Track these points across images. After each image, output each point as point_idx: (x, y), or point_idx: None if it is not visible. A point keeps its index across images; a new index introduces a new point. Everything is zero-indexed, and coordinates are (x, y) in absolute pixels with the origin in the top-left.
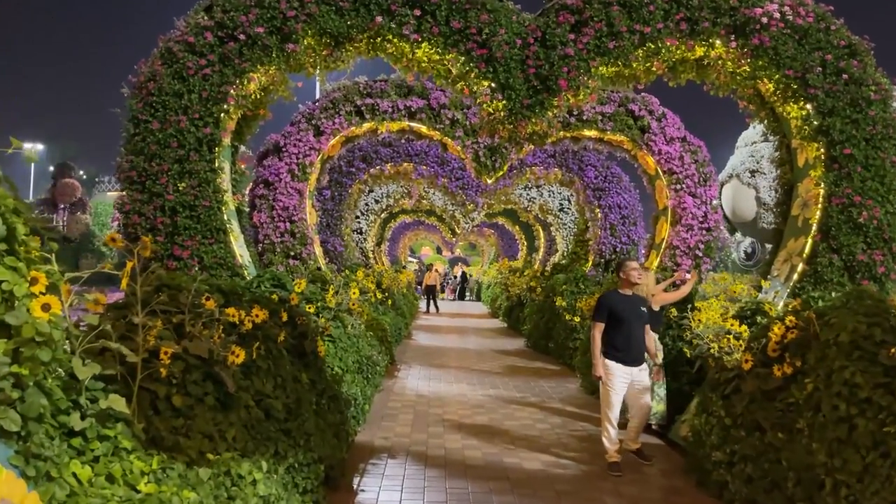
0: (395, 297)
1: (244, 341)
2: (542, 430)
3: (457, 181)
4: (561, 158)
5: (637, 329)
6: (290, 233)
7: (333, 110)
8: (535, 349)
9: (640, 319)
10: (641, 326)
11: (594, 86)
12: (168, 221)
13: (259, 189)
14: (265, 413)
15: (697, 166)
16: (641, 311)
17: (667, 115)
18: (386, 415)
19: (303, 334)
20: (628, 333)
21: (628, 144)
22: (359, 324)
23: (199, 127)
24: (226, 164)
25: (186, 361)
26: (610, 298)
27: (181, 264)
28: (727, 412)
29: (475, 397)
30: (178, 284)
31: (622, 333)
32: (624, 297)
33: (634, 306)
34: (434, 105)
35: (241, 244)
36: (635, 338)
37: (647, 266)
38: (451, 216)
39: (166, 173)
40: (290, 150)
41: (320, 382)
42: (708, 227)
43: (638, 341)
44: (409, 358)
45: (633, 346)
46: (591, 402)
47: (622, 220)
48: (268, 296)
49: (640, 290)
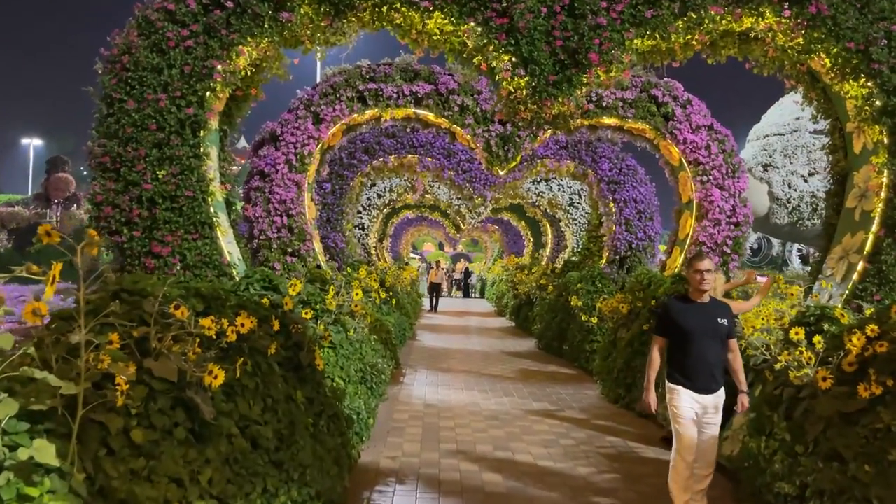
0: (400, 296)
1: (227, 356)
2: (567, 448)
3: (464, 174)
4: (574, 150)
5: (711, 348)
6: (288, 228)
7: (334, 96)
8: (547, 351)
9: (717, 335)
10: (718, 344)
11: (628, 61)
12: (146, 214)
13: (254, 181)
14: (252, 443)
15: (725, 156)
16: (718, 325)
17: (692, 101)
18: (392, 429)
19: (298, 345)
20: (699, 354)
21: (650, 133)
22: (362, 327)
23: (181, 107)
24: (212, 150)
25: (150, 386)
26: (673, 307)
27: (161, 263)
28: (795, 436)
29: (488, 407)
30: (142, 289)
31: (690, 354)
32: (693, 305)
33: (708, 318)
34: (442, 90)
35: (229, 240)
36: (707, 360)
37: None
38: (457, 211)
39: (143, 159)
40: (287, 138)
41: (319, 400)
42: (737, 222)
43: (710, 364)
44: (414, 361)
45: (703, 370)
46: (615, 411)
47: (638, 214)
48: (257, 300)
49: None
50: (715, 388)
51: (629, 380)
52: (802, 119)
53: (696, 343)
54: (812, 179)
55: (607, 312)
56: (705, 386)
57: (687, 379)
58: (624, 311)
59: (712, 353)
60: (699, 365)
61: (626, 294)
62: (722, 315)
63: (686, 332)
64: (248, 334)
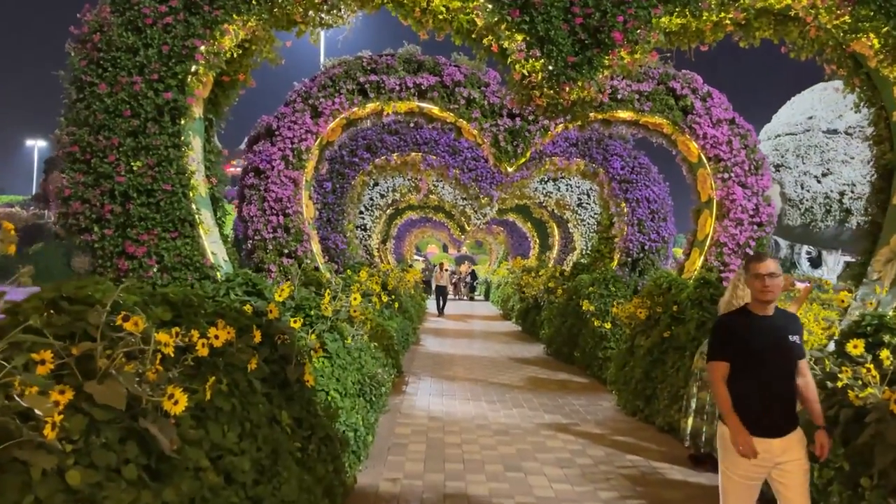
0: (402, 299)
1: (199, 374)
2: (585, 469)
3: (469, 172)
4: (584, 147)
5: (782, 375)
6: (284, 228)
7: (333, 88)
8: (556, 357)
9: (789, 357)
10: (791, 369)
11: (655, 41)
12: (119, 210)
13: (249, 178)
14: (225, 477)
15: (747, 152)
16: (791, 345)
17: (712, 93)
18: (393, 445)
19: (285, 358)
20: (767, 381)
21: (668, 128)
22: (361, 334)
23: (159, 91)
24: (195, 140)
25: (91, 415)
26: (734, 323)
27: (135, 265)
28: (856, 466)
29: (497, 420)
30: (86, 296)
31: (754, 381)
32: (756, 320)
33: (777, 335)
34: (448, 82)
35: (213, 239)
36: (778, 390)
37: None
38: (461, 212)
39: (116, 149)
40: (283, 133)
41: (308, 421)
42: (760, 222)
43: (783, 397)
44: (417, 367)
45: (773, 404)
46: (634, 425)
47: (651, 214)
48: (238, 307)
49: (741, 301)
50: (788, 427)
51: (648, 391)
52: (815, 118)
53: (762, 369)
54: (826, 180)
55: (624, 318)
56: (775, 425)
57: (749, 418)
58: (642, 317)
59: (785, 382)
60: (767, 398)
61: (644, 298)
62: (794, 330)
63: (750, 355)
64: (223, 347)
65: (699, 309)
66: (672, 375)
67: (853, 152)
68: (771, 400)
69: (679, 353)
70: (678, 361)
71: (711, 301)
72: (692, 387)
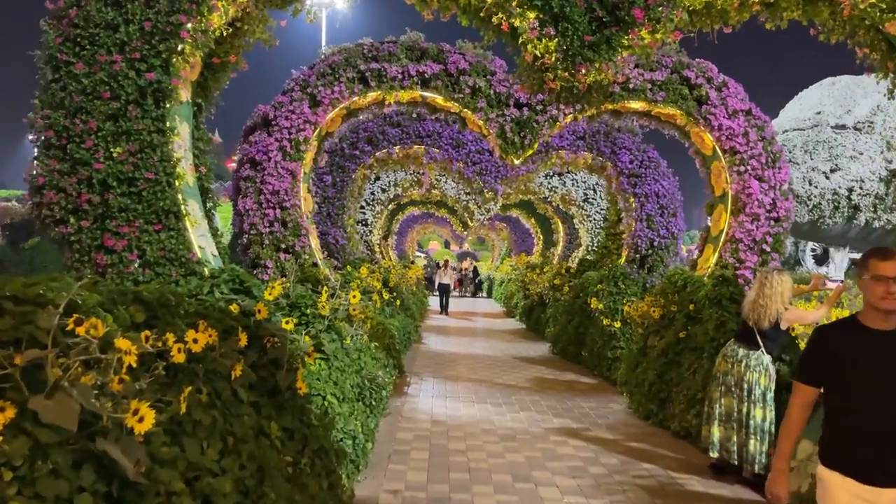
0: (404, 297)
1: (176, 381)
2: (599, 478)
3: (473, 166)
4: (591, 141)
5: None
6: (281, 222)
7: (332, 77)
8: (563, 356)
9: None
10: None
11: (678, 20)
12: (97, 200)
13: (245, 170)
14: (203, 501)
15: (764, 144)
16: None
17: (728, 83)
18: (394, 452)
19: (275, 363)
20: (881, 415)
21: (681, 119)
22: (361, 334)
23: (141, 71)
24: (182, 126)
25: (35, 438)
26: (837, 338)
27: (115, 259)
28: None
29: (503, 424)
30: (36, 296)
31: (863, 414)
32: (871, 335)
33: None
34: (452, 70)
35: (202, 233)
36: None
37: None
38: (465, 207)
39: (95, 134)
40: (280, 123)
41: (301, 432)
42: (777, 217)
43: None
44: (420, 367)
45: (888, 443)
46: (647, 430)
47: (660, 210)
48: (223, 307)
49: (769, 301)
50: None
51: (663, 394)
52: (823, 114)
53: (875, 399)
54: (834, 176)
55: (636, 317)
56: (888, 472)
57: (855, 461)
58: (656, 316)
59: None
60: (880, 437)
61: (658, 297)
62: None
63: (858, 380)
64: (203, 352)
65: (718, 308)
66: (688, 378)
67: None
68: (884, 440)
69: (696, 355)
70: (695, 363)
71: (731, 300)
72: (714, 392)
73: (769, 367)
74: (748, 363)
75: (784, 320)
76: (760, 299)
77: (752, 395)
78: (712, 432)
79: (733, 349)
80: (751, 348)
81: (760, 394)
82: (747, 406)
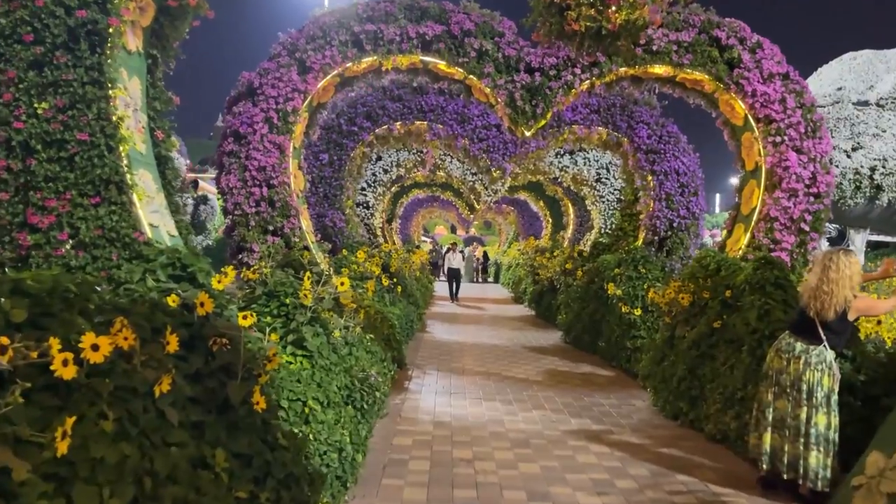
0: (407, 283)
1: (69, 404)
2: (629, 495)
3: (480, 143)
4: (606, 114)
5: None
6: (268, 201)
7: (323, 40)
8: (576, 346)
9: None
10: None
11: None
12: (18, 167)
13: (228, 143)
14: None
15: (804, 112)
16: None
17: (763, 44)
18: (390, 462)
19: (227, 370)
20: None
21: (709, 85)
22: (353, 325)
23: (72, 8)
24: (132, 82)
25: None
26: None
27: (41, 239)
28: None
29: (515, 426)
30: None
31: None
32: None
33: None
34: (455, 31)
35: (155, 208)
36: None
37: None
38: (471, 188)
39: (15, 86)
40: (266, 91)
41: (262, 457)
42: (817, 193)
43: None
44: (423, 359)
45: None
46: (678, 432)
47: (680, 188)
48: (156, 299)
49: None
50: None
51: (694, 391)
52: (845, 90)
53: None
54: (856, 155)
55: (663, 305)
56: None
57: None
58: (685, 304)
59: None
60: None
61: (687, 282)
62: None
63: None
64: (110, 363)
65: (760, 294)
66: (725, 374)
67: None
68: None
69: (733, 348)
70: (732, 357)
71: (776, 285)
72: (766, 393)
73: (833, 364)
74: (808, 360)
75: (853, 310)
76: (824, 285)
77: (814, 399)
78: (763, 441)
79: (789, 343)
80: (811, 342)
81: (823, 397)
82: (807, 411)
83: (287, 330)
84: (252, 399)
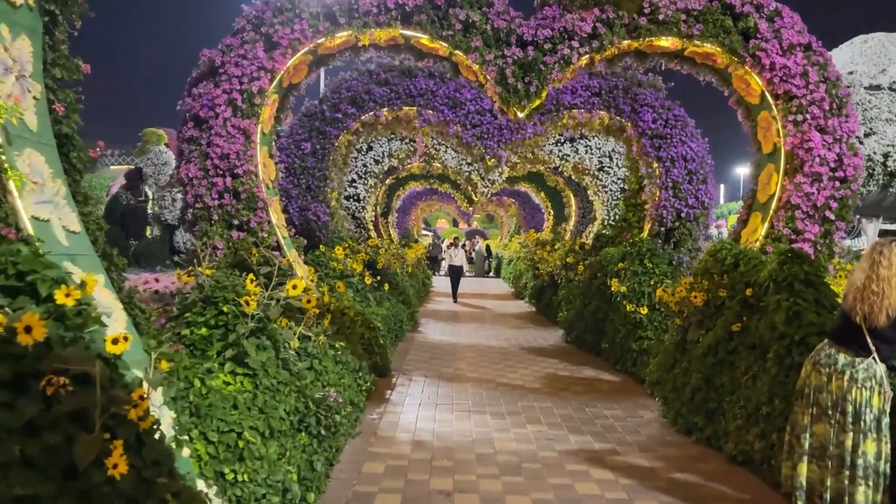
0: (398, 279)
1: None
2: None
3: (473, 129)
4: (608, 97)
5: None
6: (233, 192)
7: (292, 12)
8: (578, 346)
9: None
10: None
11: None
12: None
13: (188, 129)
14: None
15: (828, 87)
16: None
17: (782, 11)
18: (354, 498)
19: (78, 418)
20: None
21: (722, 58)
22: (317, 333)
23: None
24: (19, 41)
25: None
26: None
27: None
28: None
29: (505, 446)
30: None
31: None
32: None
33: None
34: (439, 1)
35: (43, 199)
36: None
37: None
38: (467, 179)
39: None
40: (229, 71)
41: None
42: (843, 177)
43: None
44: (411, 363)
45: None
46: (692, 452)
47: (688, 175)
48: None
49: (886, 286)
50: None
51: (711, 404)
52: (857, 74)
53: None
54: (868, 141)
55: (673, 304)
56: None
57: None
58: (698, 303)
59: None
60: None
61: (700, 278)
62: None
63: None
64: None
65: (788, 293)
66: (747, 386)
67: None
68: None
69: (756, 355)
70: (755, 366)
71: (806, 283)
72: (801, 415)
73: (884, 380)
74: (854, 376)
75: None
76: (874, 283)
77: (861, 422)
78: (798, 472)
79: (830, 355)
80: (858, 354)
81: (873, 420)
82: (853, 437)
83: (225, 343)
84: (104, 459)
